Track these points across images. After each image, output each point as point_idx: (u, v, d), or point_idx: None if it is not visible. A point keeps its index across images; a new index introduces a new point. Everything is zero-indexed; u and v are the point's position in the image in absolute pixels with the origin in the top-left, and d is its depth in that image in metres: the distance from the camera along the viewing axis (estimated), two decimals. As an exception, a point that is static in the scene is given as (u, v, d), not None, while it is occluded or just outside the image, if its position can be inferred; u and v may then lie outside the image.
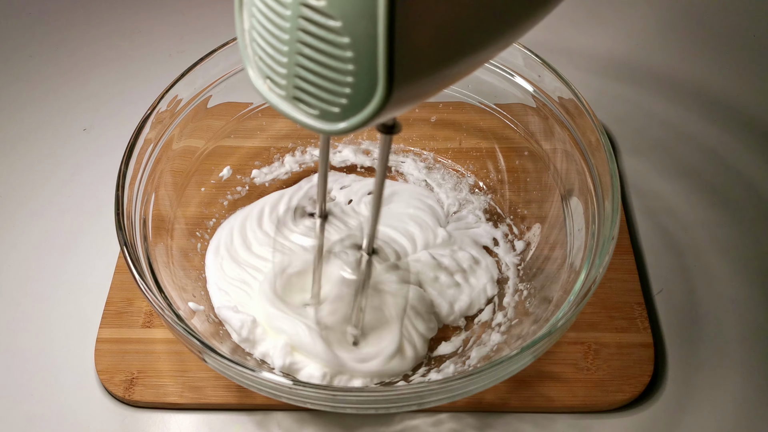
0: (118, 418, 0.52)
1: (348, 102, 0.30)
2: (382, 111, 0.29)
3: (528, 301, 0.56)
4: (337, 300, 0.53)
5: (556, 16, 0.86)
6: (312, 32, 0.29)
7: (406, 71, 0.28)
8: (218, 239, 0.60)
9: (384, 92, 0.28)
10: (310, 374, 0.51)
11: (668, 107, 0.74)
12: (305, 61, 0.30)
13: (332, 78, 0.29)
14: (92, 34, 0.83)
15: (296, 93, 0.31)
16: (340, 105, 0.30)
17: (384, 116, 0.30)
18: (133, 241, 0.49)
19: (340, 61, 0.29)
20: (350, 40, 0.28)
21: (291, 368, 0.51)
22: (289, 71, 0.31)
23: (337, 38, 0.28)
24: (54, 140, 0.72)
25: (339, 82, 0.29)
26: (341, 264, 0.53)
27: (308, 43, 0.29)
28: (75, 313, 0.58)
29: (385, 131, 0.36)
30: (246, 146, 0.66)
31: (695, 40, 0.81)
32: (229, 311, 0.54)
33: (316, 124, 0.32)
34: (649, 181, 0.67)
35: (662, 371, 0.54)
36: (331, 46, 0.28)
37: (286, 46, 0.30)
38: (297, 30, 0.29)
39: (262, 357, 0.53)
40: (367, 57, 0.28)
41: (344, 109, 0.30)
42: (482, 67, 0.60)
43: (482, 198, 0.64)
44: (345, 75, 0.29)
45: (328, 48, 0.29)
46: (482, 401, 0.52)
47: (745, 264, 0.61)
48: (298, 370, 0.51)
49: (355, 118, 0.30)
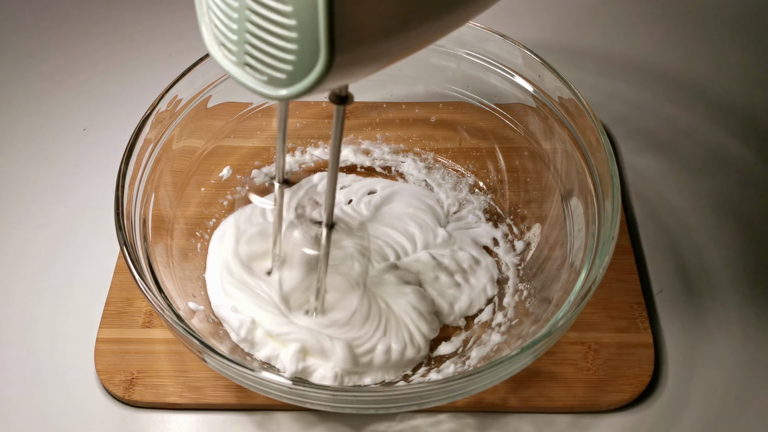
0: (117, 418, 0.52)
1: (293, 69, 0.31)
2: (325, 78, 0.31)
3: (528, 301, 0.56)
4: (298, 266, 0.54)
5: (557, 16, 0.86)
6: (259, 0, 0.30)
7: (347, 40, 0.30)
8: (219, 239, 0.60)
9: (326, 60, 0.30)
10: (323, 376, 0.51)
11: (668, 107, 0.74)
12: (253, 28, 0.32)
13: (277, 45, 0.31)
14: (92, 34, 0.83)
15: (246, 59, 0.33)
16: (286, 71, 0.32)
17: (328, 84, 0.31)
18: (132, 241, 0.49)
19: (284, 29, 0.30)
20: (293, 8, 0.29)
21: (304, 372, 0.52)
22: (240, 38, 0.33)
23: (281, 6, 0.30)
24: (54, 140, 0.72)
25: (284, 49, 0.31)
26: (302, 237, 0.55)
27: (256, 11, 0.31)
28: (75, 313, 0.58)
29: (338, 101, 0.38)
30: (246, 146, 0.66)
31: (696, 39, 0.81)
32: (228, 311, 0.54)
33: (263, 89, 0.33)
34: (650, 180, 0.67)
35: (662, 371, 0.54)
36: (276, 13, 0.30)
37: (236, 14, 0.32)
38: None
39: (269, 361, 0.52)
40: (310, 25, 0.29)
41: (290, 75, 0.32)
42: (482, 67, 0.60)
43: (482, 198, 0.64)
44: (289, 42, 0.31)
45: (273, 16, 0.30)
46: (482, 401, 0.52)
47: (746, 264, 0.61)
48: (311, 373, 0.52)
49: (299, 84, 0.32)
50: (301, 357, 0.51)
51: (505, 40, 0.58)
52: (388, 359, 0.52)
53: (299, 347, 0.51)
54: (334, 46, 0.29)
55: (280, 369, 0.52)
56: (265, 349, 0.53)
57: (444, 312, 0.56)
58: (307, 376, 0.51)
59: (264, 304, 0.54)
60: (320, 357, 0.52)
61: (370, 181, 0.65)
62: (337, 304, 0.54)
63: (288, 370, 0.51)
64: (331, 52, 0.29)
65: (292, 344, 0.52)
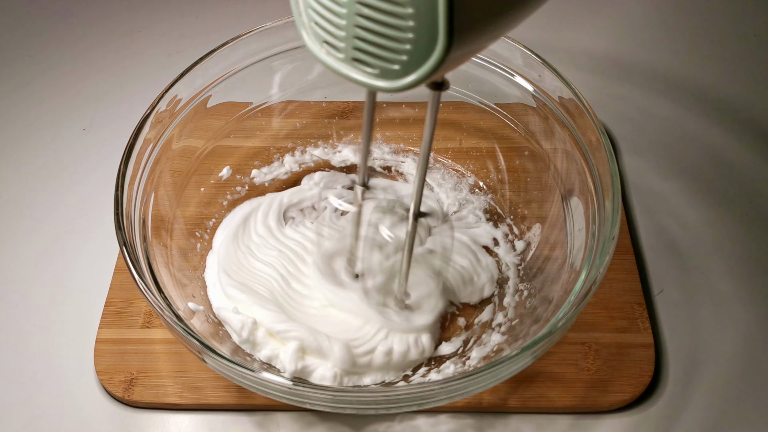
0: (117, 418, 0.52)
1: (408, 58, 0.31)
2: (443, 65, 0.30)
3: (528, 302, 0.56)
4: (380, 268, 0.54)
5: (557, 16, 0.86)
6: None
7: (465, 23, 0.29)
8: (219, 239, 0.60)
9: (444, 45, 0.29)
10: (322, 375, 0.51)
11: (669, 107, 0.74)
12: (365, 21, 0.31)
13: (392, 36, 0.31)
14: (92, 34, 0.83)
15: (355, 54, 0.33)
16: (401, 62, 0.31)
17: (443, 70, 0.31)
18: (132, 241, 0.49)
19: (400, 18, 0.30)
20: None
21: (303, 372, 0.51)
22: (348, 33, 0.32)
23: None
24: (53, 140, 0.71)
25: (399, 39, 0.31)
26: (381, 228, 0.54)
27: (368, 3, 0.30)
28: (74, 314, 0.58)
29: (435, 87, 0.37)
30: (245, 146, 0.66)
31: (696, 39, 0.81)
32: (229, 312, 0.54)
33: (376, 82, 0.33)
34: (650, 180, 0.67)
35: (663, 371, 0.54)
36: (391, 4, 0.30)
37: (344, 9, 0.31)
38: None
39: (269, 361, 0.52)
40: (428, 12, 0.29)
41: (404, 65, 0.31)
42: (482, 67, 0.60)
43: (482, 198, 0.64)
44: (405, 32, 0.30)
45: (389, 6, 0.30)
46: (482, 402, 0.52)
47: (746, 264, 0.61)
48: (310, 373, 0.51)
49: (415, 73, 0.31)
50: (300, 356, 0.51)
51: (505, 39, 0.58)
52: (389, 360, 0.52)
53: (298, 346, 0.51)
54: (453, 31, 0.29)
55: (280, 369, 0.52)
56: (266, 349, 0.53)
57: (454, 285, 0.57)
58: (306, 375, 0.51)
59: (264, 302, 0.54)
60: (318, 356, 0.52)
61: (370, 182, 0.65)
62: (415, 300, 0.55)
63: (287, 370, 0.51)
64: (449, 37, 0.29)
65: (291, 343, 0.52)
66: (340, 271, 0.56)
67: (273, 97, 0.65)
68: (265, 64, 0.61)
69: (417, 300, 0.55)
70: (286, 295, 0.56)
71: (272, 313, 0.54)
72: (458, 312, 0.57)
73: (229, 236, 0.60)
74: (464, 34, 0.30)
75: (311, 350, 0.52)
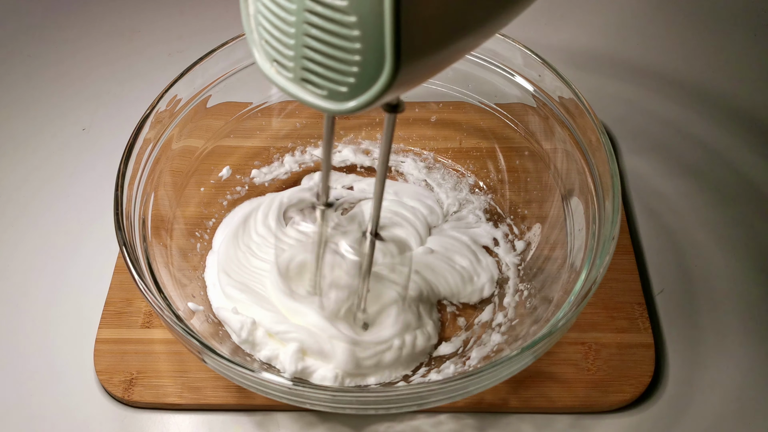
0: (117, 418, 0.52)
1: (356, 81, 0.30)
2: (390, 88, 0.30)
3: (528, 302, 0.55)
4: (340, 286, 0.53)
5: (557, 16, 0.86)
6: (319, 13, 0.29)
7: (413, 48, 0.29)
8: (219, 239, 0.60)
9: (391, 69, 0.29)
10: (323, 376, 0.51)
11: (669, 107, 0.74)
12: (312, 42, 0.30)
13: (340, 57, 0.30)
14: (92, 34, 0.83)
15: (304, 74, 0.32)
16: (348, 84, 0.31)
17: (392, 94, 0.30)
18: (132, 241, 0.49)
19: (348, 41, 0.29)
20: (357, 18, 0.28)
21: (303, 373, 0.51)
22: (297, 53, 0.31)
23: (343, 17, 0.28)
24: (53, 140, 0.71)
25: (347, 61, 0.30)
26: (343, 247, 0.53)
27: (315, 23, 0.30)
28: (74, 314, 0.58)
29: (390, 110, 0.37)
30: (245, 146, 0.66)
31: (696, 39, 0.81)
32: (229, 312, 0.54)
33: (324, 104, 0.32)
34: (650, 180, 0.67)
35: (663, 372, 0.54)
36: (338, 25, 0.29)
37: (293, 28, 0.31)
38: (304, 11, 0.30)
39: (269, 361, 0.52)
40: (374, 35, 0.28)
41: (352, 88, 0.31)
42: (482, 67, 0.60)
43: (482, 198, 0.64)
44: (352, 54, 0.29)
45: (336, 28, 0.29)
46: (482, 402, 0.52)
47: (747, 264, 0.61)
48: (311, 373, 0.51)
49: (363, 96, 0.30)
50: (300, 357, 0.51)
51: (505, 39, 0.58)
52: (398, 356, 0.52)
53: (297, 347, 0.51)
54: (401, 55, 0.28)
55: (280, 369, 0.52)
56: (265, 349, 0.53)
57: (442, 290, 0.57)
58: (306, 376, 0.51)
59: (264, 302, 0.54)
60: (319, 358, 0.52)
61: (371, 181, 0.65)
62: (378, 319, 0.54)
63: (287, 371, 0.51)
64: (397, 61, 0.28)
65: (290, 344, 0.51)
66: (298, 286, 0.55)
67: (273, 97, 0.65)
68: (265, 64, 0.61)
69: (375, 316, 0.54)
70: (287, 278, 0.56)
71: (272, 314, 0.54)
72: (458, 312, 0.57)
73: (229, 236, 0.60)
74: (412, 58, 0.29)
75: (312, 352, 0.52)
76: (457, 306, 0.57)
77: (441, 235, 0.60)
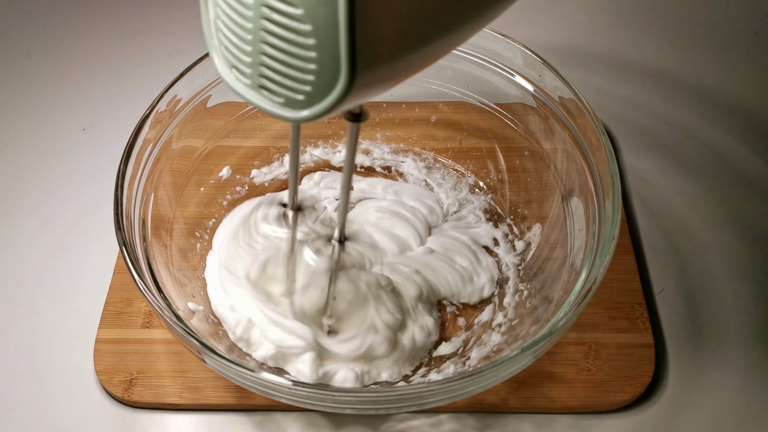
0: (117, 418, 0.52)
1: (312, 89, 0.30)
2: (346, 98, 0.29)
3: (528, 302, 0.55)
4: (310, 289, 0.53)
5: (557, 16, 0.86)
6: (275, 20, 0.29)
7: (368, 57, 0.28)
8: (219, 239, 0.60)
9: (347, 79, 0.29)
10: (344, 378, 0.51)
11: (669, 107, 0.74)
12: (269, 49, 0.30)
13: (296, 66, 0.30)
14: (91, 34, 0.83)
15: (261, 81, 0.32)
16: (305, 92, 0.30)
17: (348, 103, 0.30)
18: (132, 241, 0.49)
19: (303, 49, 0.29)
20: (312, 27, 0.28)
21: (325, 378, 0.51)
22: (254, 60, 0.31)
23: (299, 26, 0.28)
24: (53, 140, 0.71)
25: (302, 69, 0.30)
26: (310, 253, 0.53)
27: (271, 31, 0.29)
28: (74, 314, 0.58)
29: (353, 119, 0.37)
30: (245, 146, 0.66)
31: (696, 39, 0.81)
32: (225, 309, 0.54)
33: (281, 112, 0.32)
34: (650, 180, 0.67)
35: (663, 372, 0.54)
36: (294, 33, 0.29)
37: (250, 35, 0.31)
38: (260, 18, 0.29)
39: (265, 361, 0.52)
40: (329, 44, 0.28)
41: (308, 96, 0.30)
42: (482, 67, 0.60)
43: (482, 198, 0.64)
44: (308, 62, 0.29)
45: (291, 36, 0.29)
46: (482, 402, 0.52)
47: (747, 264, 0.61)
48: (332, 377, 0.51)
49: (319, 105, 0.30)
50: (320, 363, 0.51)
51: (505, 39, 0.58)
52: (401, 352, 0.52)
53: (315, 355, 0.51)
54: (356, 64, 0.28)
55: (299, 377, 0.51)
56: (261, 348, 0.53)
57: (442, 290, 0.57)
58: (328, 380, 0.51)
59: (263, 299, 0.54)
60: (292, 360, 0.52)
61: (371, 181, 0.65)
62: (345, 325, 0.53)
63: (309, 379, 0.51)
64: (352, 70, 0.28)
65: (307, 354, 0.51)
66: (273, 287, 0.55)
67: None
68: (265, 64, 0.61)
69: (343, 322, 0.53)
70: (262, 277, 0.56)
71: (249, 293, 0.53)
72: (458, 312, 0.57)
73: (229, 235, 0.60)
74: (368, 67, 0.29)
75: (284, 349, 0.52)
76: (457, 306, 0.57)
77: (441, 235, 0.60)
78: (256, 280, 0.54)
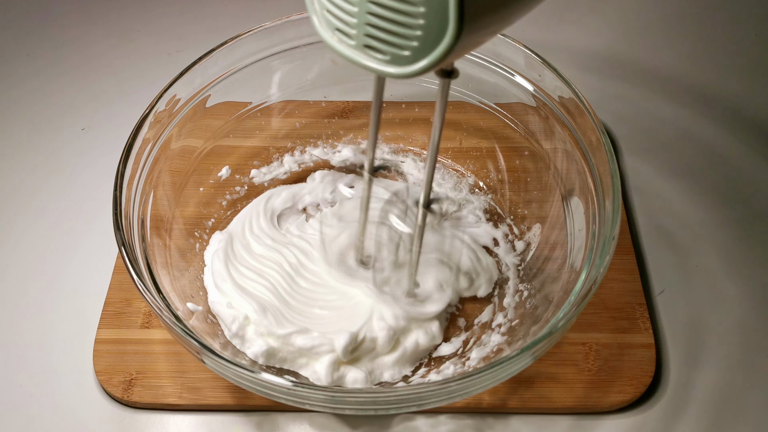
0: (116, 419, 0.52)
1: (419, 44, 0.32)
2: (453, 51, 0.31)
3: (528, 302, 0.55)
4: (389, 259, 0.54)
5: (557, 16, 0.86)
6: None
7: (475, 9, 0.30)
8: (219, 239, 0.60)
9: (455, 31, 0.30)
10: (354, 379, 0.51)
11: (669, 107, 0.74)
12: (377, 8, 0.32)
13: (403, 22, 0.31)
14: (91, 34, 0.83)
15: (367, 41, 0.33)
16: (411, 48, 0.32)
17: (453, 56, 0.31)
18: (131, 242, 0.49)
19: (411, 5, 0.30)
20: None
21: (339, 381, 0.51)
22: (360, 21, 0.33)
23: None
24: (52, 140, 0.71)
25: (410, 25, 0.31)
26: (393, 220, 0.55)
27: None
28: (73, 314, 0.58)
29: (445, 75, 0.38)
30: (245, 146, 0.65)
31: (697, 39, 0.81)
32: (222, 306, 0.54)
33: (387, 68, 0.33)
34: (650, 180, 0.67)
35: (664, 372, 0.54)
36: None
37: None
38: None
39: (256, 358, 0.52)
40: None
41: (415, 51, 0.32)
42: (482, 67, 0.60)
43: (482, 198, 0.64)
44: (416, 18, 0.31)
45: None
46: (482, 402, 0.52)
47: (747, 264, 0.60)
48: (342, 379, 0.51)
49: (425, 59, 0.32)
50: (336, 367, 0.51)
51: (505, 39, 0.58)
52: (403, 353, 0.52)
53: (334, 358, 0.51)
54: (464, 17, 0.29)
55: (315, 381, 0.51)
56: (255, 346, 0.52)
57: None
58: (341, 383, 0.51)
59: (263, 302, 0.54)
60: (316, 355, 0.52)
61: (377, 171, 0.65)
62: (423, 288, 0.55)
63: (324, 382, 0.51)
64: (460, 23, 0.29)
65: (325, 356, 0.51)
66: (350, 260, 0.56)
67: (272, 97, 0.64)
68: (265, 64, 0.61)
69: (426, 289, 0.55)
70: (293, 291, 0.56)
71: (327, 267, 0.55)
72: (458, 312, 0.57)
73: (229, 235, 0.60)
74: (474, 20, 0.30)
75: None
76: (457, 306, 0.57)
77: (441, 235, 0.60)
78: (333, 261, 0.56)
